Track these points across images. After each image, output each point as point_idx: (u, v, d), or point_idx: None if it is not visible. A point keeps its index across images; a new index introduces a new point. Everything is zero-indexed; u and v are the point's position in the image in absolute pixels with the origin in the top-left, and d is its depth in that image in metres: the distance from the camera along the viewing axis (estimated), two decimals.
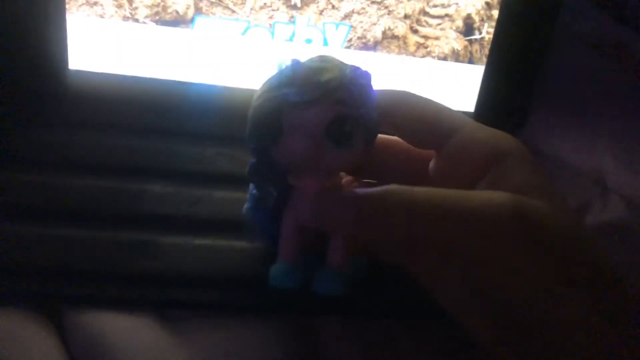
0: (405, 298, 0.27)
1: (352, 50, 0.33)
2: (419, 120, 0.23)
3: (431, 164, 0.24)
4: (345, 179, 0.25)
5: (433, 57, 0.34)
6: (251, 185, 0.24)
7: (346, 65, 0.21)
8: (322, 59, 0.21)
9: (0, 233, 0.26)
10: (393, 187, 0.20)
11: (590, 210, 0.34)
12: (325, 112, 0.20)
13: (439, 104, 0.23)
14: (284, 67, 0.20)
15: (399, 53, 0.34)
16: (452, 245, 0.19)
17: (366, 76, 0.21)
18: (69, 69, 0.31)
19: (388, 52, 0.33)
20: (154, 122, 0.32)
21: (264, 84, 0.21)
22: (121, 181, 0.29)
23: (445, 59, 0.34)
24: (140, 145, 0.31)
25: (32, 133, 0.30)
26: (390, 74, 0.34)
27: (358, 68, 0.21)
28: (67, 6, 0.30)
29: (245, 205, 0.25)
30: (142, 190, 0.28)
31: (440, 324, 0.25)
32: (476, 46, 0.34)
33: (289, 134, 0.20)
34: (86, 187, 0.28)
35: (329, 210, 0.21)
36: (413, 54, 0.34)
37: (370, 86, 0.21)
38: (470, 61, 0.34)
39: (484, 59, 0.34)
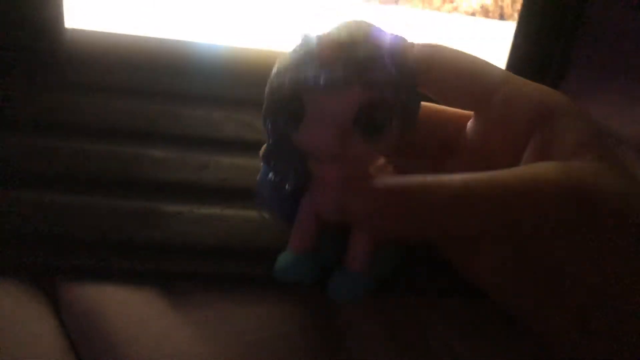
0: (433, 275, 0.25)
1: (372, 3, 0.31)
2: (456, 77, 0.21)
3: (469, 125, 0.22)
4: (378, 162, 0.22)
5: (460, 12, 0.32)
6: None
7: (384, 35, 0.18)
8: (354, 28, 0.18)
9: None
10: (420, 179, 0.18)
11: None
12: (354, 99, 0.17)
13: (477, 57, 0.21)
14: (308, 39, 0.18)
15: (423, 7, 0.32)
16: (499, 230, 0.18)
17: (409, 49, 0.18)
18: (64, 27, 0.30)
19: (411, 6, 0.32)
20: (157, 84, 0.30)
21: (283, 59, 0.18)
22: (120, 145, 0.27)
23: (473, 14, 0.32)
24: (141, 108, 0.29)
25: (26, 95, 0.28)
26: (413, 31, 0.32)
27: (398, 37, 0.18)
28: None
29: (258, 179, 0.22)
30: (142, 155, 0.27)
31: (467, 302, 0.24)
32: (507, 0, 0.31)
33: (312, 121, 0.17)
34: (83, 152, 0.26)
35: (353, 203, 0.18)
36: (438, 9, 0.32)
37: (413, 60, 0.18)
38: (501, 17, 0.32)
39: (516, 15, 0.32)
